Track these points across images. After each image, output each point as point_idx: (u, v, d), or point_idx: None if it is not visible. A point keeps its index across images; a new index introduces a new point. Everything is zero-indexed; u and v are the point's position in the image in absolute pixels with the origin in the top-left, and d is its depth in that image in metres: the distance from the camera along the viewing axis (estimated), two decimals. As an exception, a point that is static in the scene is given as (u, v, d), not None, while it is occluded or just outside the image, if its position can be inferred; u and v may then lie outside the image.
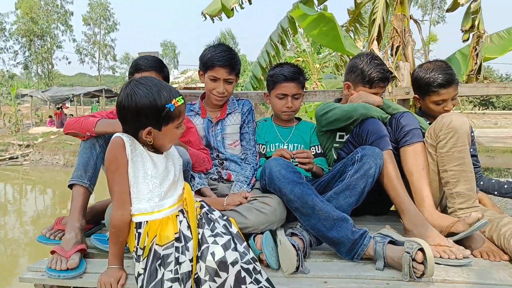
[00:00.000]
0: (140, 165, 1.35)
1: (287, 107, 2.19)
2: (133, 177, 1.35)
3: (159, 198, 1.36)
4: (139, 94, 1.31)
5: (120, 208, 1.35)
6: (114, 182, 1.34)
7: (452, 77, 2.02)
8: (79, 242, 1.59)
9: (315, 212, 1.55)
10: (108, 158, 1.35)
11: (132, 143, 1.35)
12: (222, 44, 2.11)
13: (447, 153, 1.70)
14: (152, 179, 1.36)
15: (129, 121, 1.35)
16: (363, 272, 1.46)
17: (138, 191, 1.35)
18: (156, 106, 1.30)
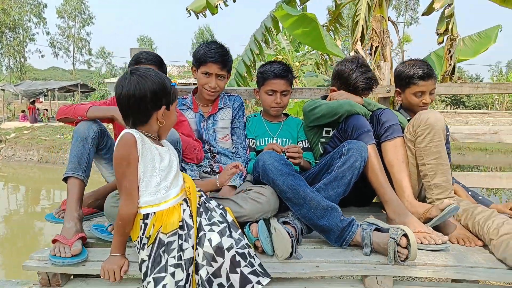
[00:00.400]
0: (149, 160, 1.41)
1: (276, 103, 2.29)
2: (143, 172, 1.40)
3: (165, 189, 1.42)
4: (150, 78, 1.40)
5: (129, 202, 1.40)
6: (124, 178, 1.39)
7: (431, 72, 2.20)
8: (79, 231, 1.64)
9: (306, 202, 1.65)
10: (119, 155, 1.38)
11: (142, 138, 1.40)
12: (215, 41, 2.18)
13: (425, 147, 1.85)
14: (160, 172, 1.42)
15: (145, 107, 1.40)
16: (351, 257, 1.57)
17: (147, 185, 1.41)
18: (164, 86, 1.42)
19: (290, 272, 1.49)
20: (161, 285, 1.31)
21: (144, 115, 1.42)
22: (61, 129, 18.54)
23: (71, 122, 1.87)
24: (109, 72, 42.01)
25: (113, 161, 1.41)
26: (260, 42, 4.44)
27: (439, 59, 3.79)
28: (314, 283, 1.54)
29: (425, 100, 2.22)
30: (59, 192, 12.47)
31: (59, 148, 16.52)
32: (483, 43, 3.65)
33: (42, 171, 15.25)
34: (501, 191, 9.91)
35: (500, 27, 3.62)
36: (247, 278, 1.33)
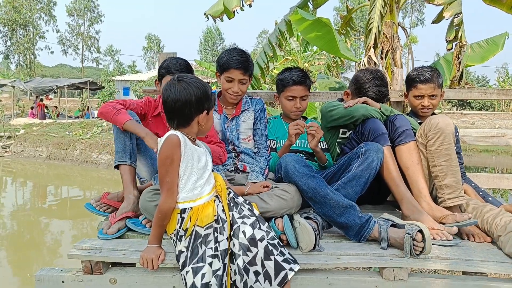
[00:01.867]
0: (190, 160, 1.55)
1: (296, 108, 2.44)
2: (183, 170, 1.54)
3: (201, 187, 1.56)
4: (195, 85, 1.55)
5: (170, 197, 1.54)
6: (167, 175, 1.53)
7: (431, 77, 2.31)
8: (129, 211, 1.91)
9: (327, 201, 1.79)
10: (164, 154, 1.52)
11: (184, 140, 1.54)
12: (236, 48, 2.31)
13: (436, 150, 1.98)
14: (198, 170, 1.56)
15: (189, 111, 1.55)
16: (369, 251, 1.71)
17: (186, 182, 1.55)
18: (208, 92, 1.56)
19: (314, 263, 1.62)
20: (200, 274, 1.45)
21: (187, 118, 1.56)
22: (70, 126, 18.75)
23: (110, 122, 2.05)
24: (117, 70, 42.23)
25: (158, 159, 1.55)
26: (274, 45, 4.57)
27: (448, 64, 3.91)
28: (335, 274, 1.68)
29: (423, 103, 2.34)
30: (66, 188, 12.71)
31: (67, 145, 16.72)
32: (491, 50, 3.76)
33: (50, 167, 15.46)
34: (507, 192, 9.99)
35: (507, 35, 3.73)
36: (280, 265, 1.47)
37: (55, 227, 8.75)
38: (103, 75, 31.76)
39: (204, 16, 4.30)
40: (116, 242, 1.79)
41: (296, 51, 10.23)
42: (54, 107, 22.67)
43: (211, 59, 41.87)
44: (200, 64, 13.15)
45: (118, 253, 1.68)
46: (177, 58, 2.33)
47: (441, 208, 1.93)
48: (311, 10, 4.95)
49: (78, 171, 14.60)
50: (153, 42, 49.40)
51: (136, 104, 2.18)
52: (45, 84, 22.00)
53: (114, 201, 2.07)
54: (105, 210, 2.05)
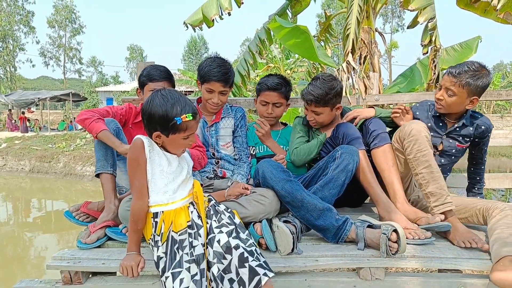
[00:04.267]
0: (157, 163, 1.57)
1: (268, 113, 2.48)
2: (150, 173, 1.56)
3: (172, 191, 1.58)
4: (156, 102, 1.54)
5: (140, 199, 1.56)
6: (135, 177, 1.56)
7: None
8: (109, 220, 1.91)
9: (304, 205, 1.82)
10: (130, 157, 1.57)
11: (150, 144, 1.57)
12: (217, 57, 2.32)
13: (414, 158, 1.97)
14: (167, 175, 1.58)
15: (146, 123, 1.58)
16: (347, 252, 1.74)
17: (155, 185, 1.57)
18: (166, 116, 1.52)
19: (293, 266, 1.65)
20: (178, 279, 1.46)
21: (147, 129, 1.59)
22: (52, 139, 18.43)
23: None
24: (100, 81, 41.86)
25: (127, 162, 1.58)
26: (255, 53, 4.63)
27: (424, 68, 4.02)
28: (314, 275, 1.70)
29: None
30: (51, 202, 12.47)
31: (51, 157, 16.42)
32: (465, 53, 3.89)
33: (34, 181, 15.14)
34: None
35: (480, 38, 3.86)
36: (255, 271, 1.48)
37: (40, 241, 8.57)
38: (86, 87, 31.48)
39: (184, 25, 4.34)
40: (95, 251, 1.78)
41: (278, 58, 10.33)
42: (36, 120, 22.30)
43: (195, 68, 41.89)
44: (184, 73, 13.14)
45: (97, 263, 1.68)
46: (157, 65, 2.35)
47: (415, 210, 1.97)
48: (291, 18, 5.04)
49: (62, 184, 14.34)
50: (135, 53, 49.17)
51: (116, 111, 2.19)
52: (26, 96, 21.64)
53: (94, 210, 2.07)
54: (84, 219, 2.05)
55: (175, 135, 1.55)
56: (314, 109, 2.29)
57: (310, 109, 2.31)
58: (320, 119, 2.32)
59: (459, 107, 2.09)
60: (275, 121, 2.56)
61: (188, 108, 1.54)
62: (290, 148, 2.40)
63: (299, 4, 4.70)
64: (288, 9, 4.79)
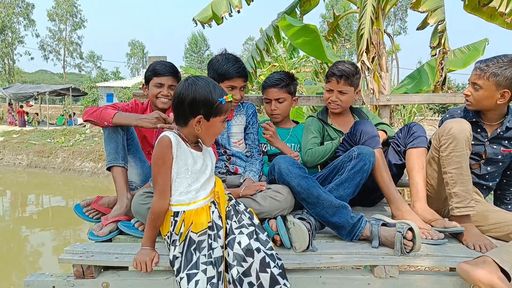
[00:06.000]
0: (183, 162, 1.55)
1: (271, 110, 2.47)
2: (176, 172, 1.54)
3: (195, 191, 1.57)
4: (199, 85, 1.53)
5: (162, 198, 1.54)
6: (159, 175, 1.53)
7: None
8: (122, 214, 1.90)
9: (319, 202, 1.82)
10: (156, 154, 1.53)
11: (178, 141, 1.54)
12: (230, 54, 2.31)
13: (447, 156, 1.93)
14: (192, 174, 1.56)
15: (184, 110, 1.53)
16: (361, 249, 1.74)
17: (179, 185, 1.55)
18: (211, 98, 1.52)
19: (307, 263, 1.65)
20: (194, 281, 1.44)
21: (182, 118, 1.56)
22: (51, 133, 18.33)
23: (97, 125, 2.03)
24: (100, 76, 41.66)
25: (152, 159, 1.55)
26: (262, 50, 4.62)
27: (432, 70, 4.02)
28: (328, 273, 1.70)
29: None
30: (48, 197, 12.39)
31: (49, 152, 16.33)
32: (472, 55, 3.89)
33: (31, 176, 15.03)
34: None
35: (487, 41, 3.87)
36: (276, 279, 1.46)
37: (37, 236, 8.52)
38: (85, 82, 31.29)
39: (193, 22, 4.32)
40: (108, 245, 1.78)
41: (282, 57, 10.32)
42: (35, 114, 22.18)
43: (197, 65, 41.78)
44: (186, 71, 13.13)
45: (111, 257, 1.67)
46: (163, 61, 2.34)
47: (433, 212, 1.97)
48: (298, 17, 5.03)
49: (61, 179, 14.25)
50: (137, 48, 49.04)
51: (122, 107, 2.17)
52: (25, 90, 21.51)
53: (105, 207, 2.05)
54: (94, 216, 2.03)
55: (216, 118, 1.55)
56: (341, 87, 2.35)
57: (336, 88, 2.37)
58: (344, 100, 2.39)
59: (489, 102, 1.97)
60: (281, 117, 2.54)
61: (224, 90, 1.57)
62: (303, 148, 2.40)
63: (309, 3, 4.69)
64: (297, 8, 4.78)
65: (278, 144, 2.33)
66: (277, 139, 2.34)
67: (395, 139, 2.28)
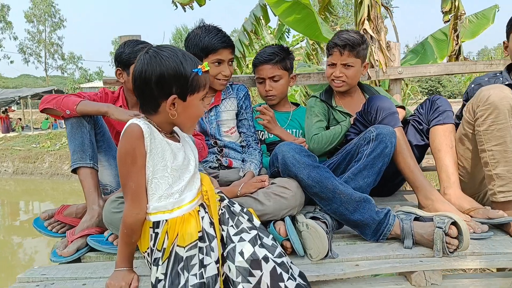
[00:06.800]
0: (160, 157, 1.19)
1: (265, 91, 2.12)
2: (151, 171, 1.18)
3: (179, 193, 1.21)
4: (165, 56, 1.16)
5: (136, 206, 1.18)
6: (129, 177, 1.17)
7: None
8: (92, 225, 1.56)
9: (336, 196, 1.47)
10: (123, 150, 1.16)
11: (151, 131, 1.18)
12: (210, 25, 1.95)
13: (486, 131, 1.58)
14: (172, 172, 1.21)
15: (150, 92, 1.18)
16: (392, 252, 1.40)
17: (157, 187, 1.19)
18: (183, 70, 1.16)
19: (328, 274, 1.30)
20: None
21: (150, 102, 1.20)
22: (36, 138, 17.88)
23: (57, 115, 1.67)
24: (84, 77, 40.64)
25: (117, 157, 1.19)
26: (250, 32, 4.24)
27: (437, 42, 3.69)
28: (353, 284, 1.37)
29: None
30: (38, 204, 11.97)
31: (35, 158, 15.96)
32: (481, 24, 3.56)
33: (18, 183, 14.67)
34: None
35: (497, 7, 3.54)
36: None
37: (28, 245, 8.13)
38: (69, 83, 30.47)
39: (172, 4, 3.91)
40: (75, 268, 1.40)
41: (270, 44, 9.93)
42: (18, 119, 21.54)
43: (182, 60, 40.85)
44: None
45: (77, 284, 1.30)
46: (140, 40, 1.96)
47: (471, 200, 1.64)
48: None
49: (49, 185, 13.83)
50: (120, 47, 47.95)
51: (88, 96, 1.81)
52: (6, 95, 20.87)
53: (72, 218, 1.68)
54: (59, 230, 1.66)
55: (194, 96, 1.20)
56: (346, 59, 2.00)
57: (340, 61, 2.01)
58: (350, 75, 2.04)
59: None
60: (278, 99, 2.18)
61: (197, 59, 1.22)
62: (307, 134, 2.04)
63: (298, -23, 4.31)
64: (285, -17, 4.39)
65: (277, 131, 1.96)
66: (276, 125, 1.97)
67: (416, 116, 1.94)
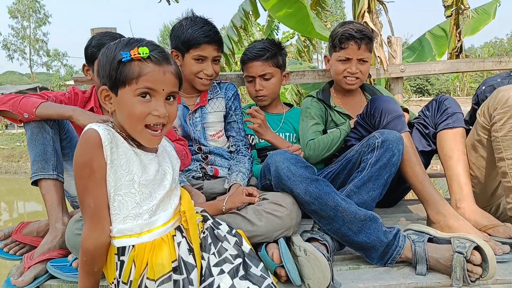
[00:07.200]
0: (124, 170, 0.98)
1: (255, 90, 1.92)
2: (113, 186, 0.97)
3: (149, 213, 1.00)
4: (109, 46, 0.99)
5: (96, 228, 0.97)
6: (87, 193, 0.96)
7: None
8: (54, 248, 1.34)
9: (338, 214, 1.28)
10: (78, 161, 0.96)
11: (113, 137, 0.97)
12: (198, 16, 1.74)
13: (505, 137, 1.41)
14: (141, 187, 0.99)
15: None
16: (403, 279, 1.21)
17: (121, 205, 0.98)
18: (112, 55, 0.96)
19: (330, 309, 1.10)
20: None
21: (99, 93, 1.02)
22: (20, 136, 17.51)
23: (14, 118, 1.45)
24: (69, 74, 39.80)
25: (73, 169, 0.97)
26: (239, 28, 4.02)
27: (435, 38, 3.53)
28: (358, 318, 1.17)
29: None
30: (22, 203, 11.62)
31: (19, 156, 15.69)
32: (482, 19, 3.40)
33: (2, 182, 14.30)
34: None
35: (498, 1, 3.38)
36: None
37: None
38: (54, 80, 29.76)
39: (156, -4, 3.68)
40: (29, 302, 1.19)
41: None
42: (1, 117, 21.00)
43: (171, 58, 40.41)
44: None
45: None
46: (113, 32, 1.73)
47: (488, 215, 1.45)
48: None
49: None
50: (109, 42, 47.16)
51: (55, 96, 1.58)
52: (-12, 92, 20.32)
53: (32, 237, 1.45)
54: (17, 251, 1.43)
55: (125, 89, 0.96)
56: (362, 54, 1.82)
57: (356, 55, 1.81)
58: (365, 71, 1.87)
59: None
60: (269, 100, 1.97)
61: (145, 42, 0.99)
62: (302, 139, 1.83)
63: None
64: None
65: (268, 136, 1.75)
66: (267, 130, 1.76)
67: (421, 119, 1.75)
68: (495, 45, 40.28)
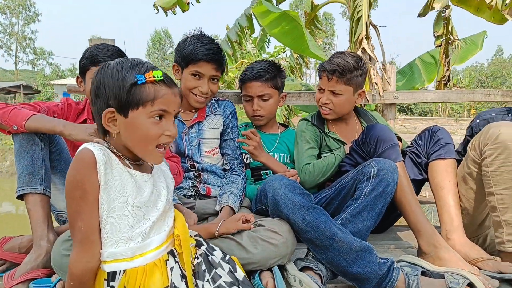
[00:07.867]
0: (118, 191, 0.96)
1: (253, 110, 1.92)
2: (106, 208, 0.94)
3: (142, 236, 0.98)
4: (111, 66, 0.97)
5: (86, 252, 0.94)
6: (78, 215, 0.93)
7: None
8: (38, 267, 1.29)
9: (334, 244, 1.27)
10: (71, 181, 0.93)
11: (108, 158, 0.95)
12: (204, 35, 1.75)
13: (494, 172, 1.43)
14: (134, 210, 0.97)
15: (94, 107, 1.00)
16: (395, 313, 1.21)
17: (114, 228, 0.95)
18: (122, 77, 0.94)
19: None
20: None
21: (97, 119, 1.00)
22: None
23: (3, 129, 1.41)
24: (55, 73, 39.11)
25: (65, 189, 0.95)
26: (234, 42, 4.04)
27: (425, 65, 3.61)
28: None
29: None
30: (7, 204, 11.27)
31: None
32: (470, 50, 3.51)
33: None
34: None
35: (486, 34, 3.50)
36: None
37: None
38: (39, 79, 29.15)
39: (154, 7, 3.67)
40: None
41: (252, 54, 9.79)
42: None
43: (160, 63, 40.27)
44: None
45: None
46: (105, 44, 1.70)
47: (478, 248, 1.47)
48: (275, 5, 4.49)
49: (9, 185, 13.00)
50: (97, 45, 46.61)
51: (47, 107, 1.54)
52: (-30, 88, 19.75)
53: (14, 253, 1.40)
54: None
55: (138, 110, 0.95)
56: (334, 86, 1.80)
57: (327, 87, 1.82)
58: (338, 103, 1.84)
59: None
60: (266, 120, 1.97)
61: (153, 67, 0.99)
62: (297, 163, 1.83)
63: (286, -12, 4.17)
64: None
65: (263, 158, 1.74)
66: (262, 152, 1.75)
67: (413, 148, 1.77)
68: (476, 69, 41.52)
